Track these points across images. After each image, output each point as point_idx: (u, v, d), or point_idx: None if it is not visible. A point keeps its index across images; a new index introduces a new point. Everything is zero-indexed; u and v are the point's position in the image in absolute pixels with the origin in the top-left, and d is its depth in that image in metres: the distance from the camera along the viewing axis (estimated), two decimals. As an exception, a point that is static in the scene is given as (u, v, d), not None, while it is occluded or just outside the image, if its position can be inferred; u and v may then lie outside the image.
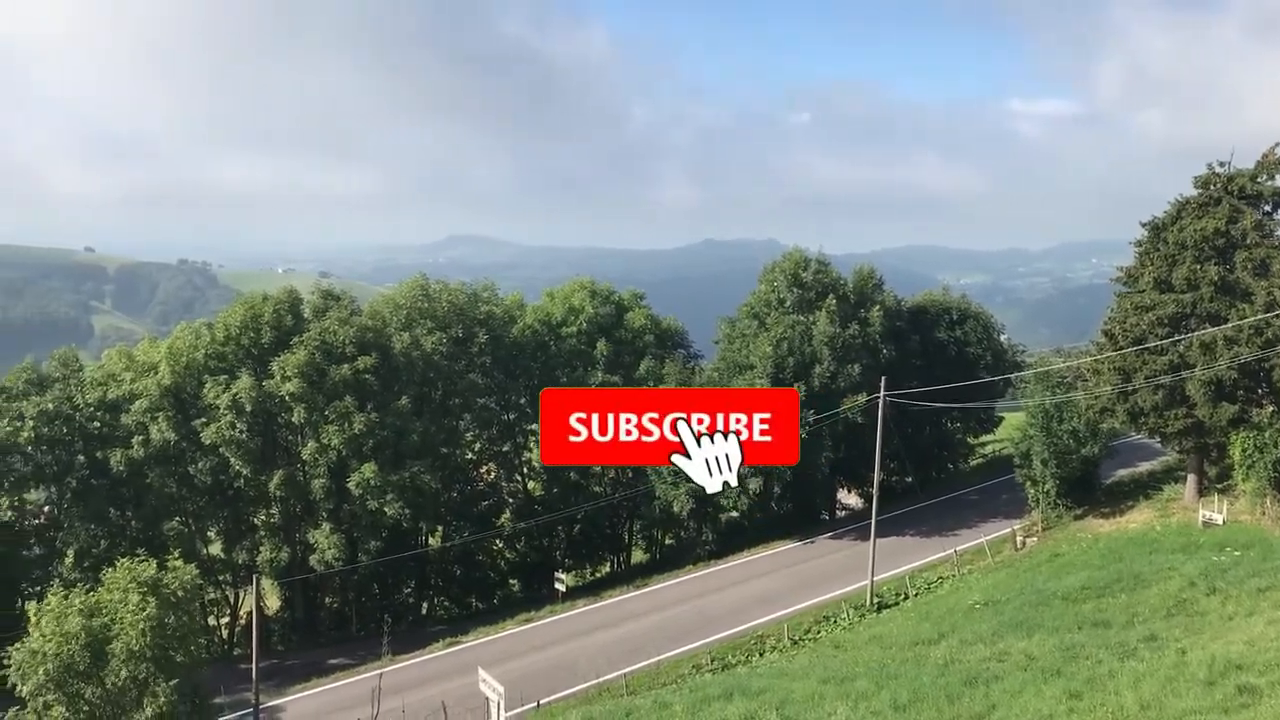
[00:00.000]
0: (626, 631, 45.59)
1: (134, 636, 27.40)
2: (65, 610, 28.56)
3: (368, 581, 56.97)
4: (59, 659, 27.73)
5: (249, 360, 51.56)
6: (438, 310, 57.49)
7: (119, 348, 57.50)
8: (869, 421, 53.75)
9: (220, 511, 54.06)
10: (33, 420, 48.57)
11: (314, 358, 49.78)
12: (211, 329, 52.97)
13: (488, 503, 61.32)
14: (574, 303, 63.33)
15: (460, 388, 56.62)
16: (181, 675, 28.56)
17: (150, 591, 28.41)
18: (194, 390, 50.91)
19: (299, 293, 55.87)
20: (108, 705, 28.12)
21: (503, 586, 63.04)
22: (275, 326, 51.90)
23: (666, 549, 66.07)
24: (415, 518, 53.53)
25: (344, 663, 47.40)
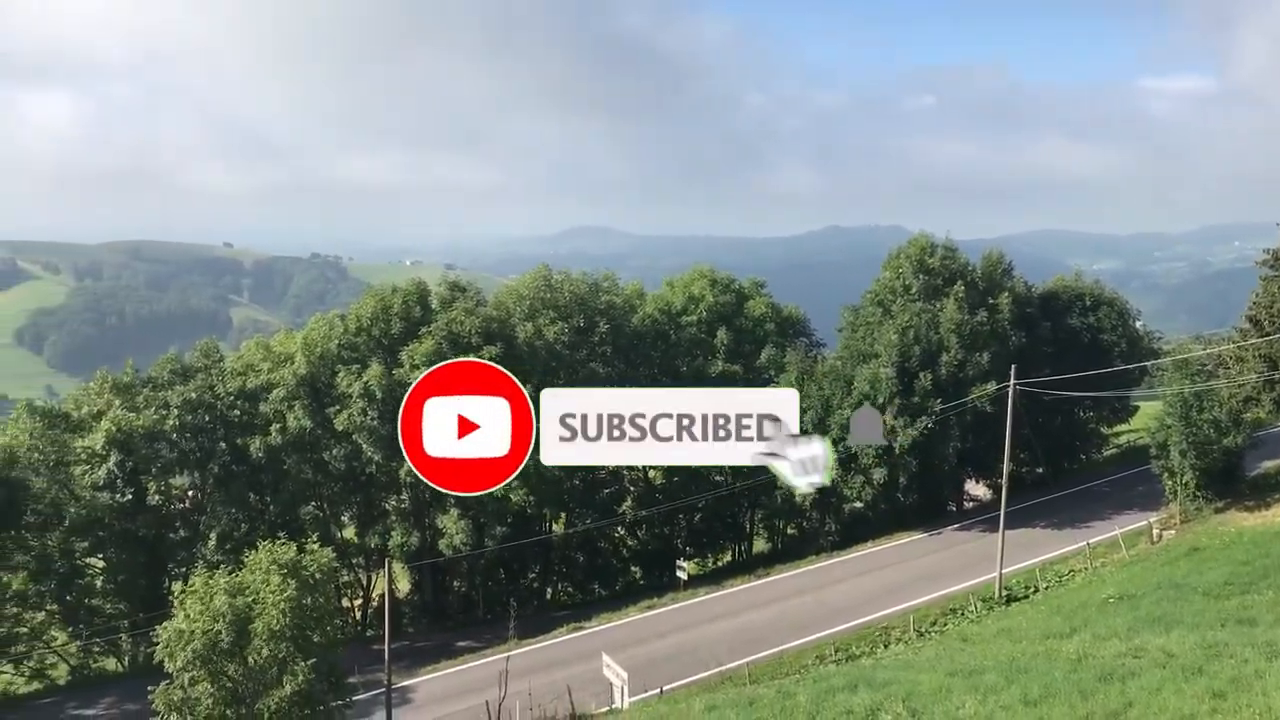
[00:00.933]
0: (748, 620, 45.54)
1: (275, 616, 28.42)
2: (209, 591, 29.75)
3: (494, 566, 58.12)
4: (204, 637, 28.89)
5: (379, 350, 52.95)
6: (560, 300, 58.19)
7: (257, 339, 59.70)
8: (998, 411, 52.52)
9: (353, 497, 55.75)
10: (177, 409, 50.81)
11: (441, 347, 50.87)
12: (344, 320, 54.56)
13: (609, 490, 61.87)
14: (694, 291, 63.37)
15: (581, 376, 57.21)
16: (318, 655, 29.51)
17: (290, 573, 29.42)
18: (328, 379, 52.55)
19: (426, 284, 57.18)
20: (249, 682, 29.25)
21: (625, 573, 63.58)
22: (404, 317, 53.19)
23: (788, 539, 65.71)
24: (539, 504, 54.38)
25: (471, 645, 48.49)
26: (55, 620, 53.19)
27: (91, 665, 53.51)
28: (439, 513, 52.32)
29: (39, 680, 52.29)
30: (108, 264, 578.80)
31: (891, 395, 54.00)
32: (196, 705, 28.71)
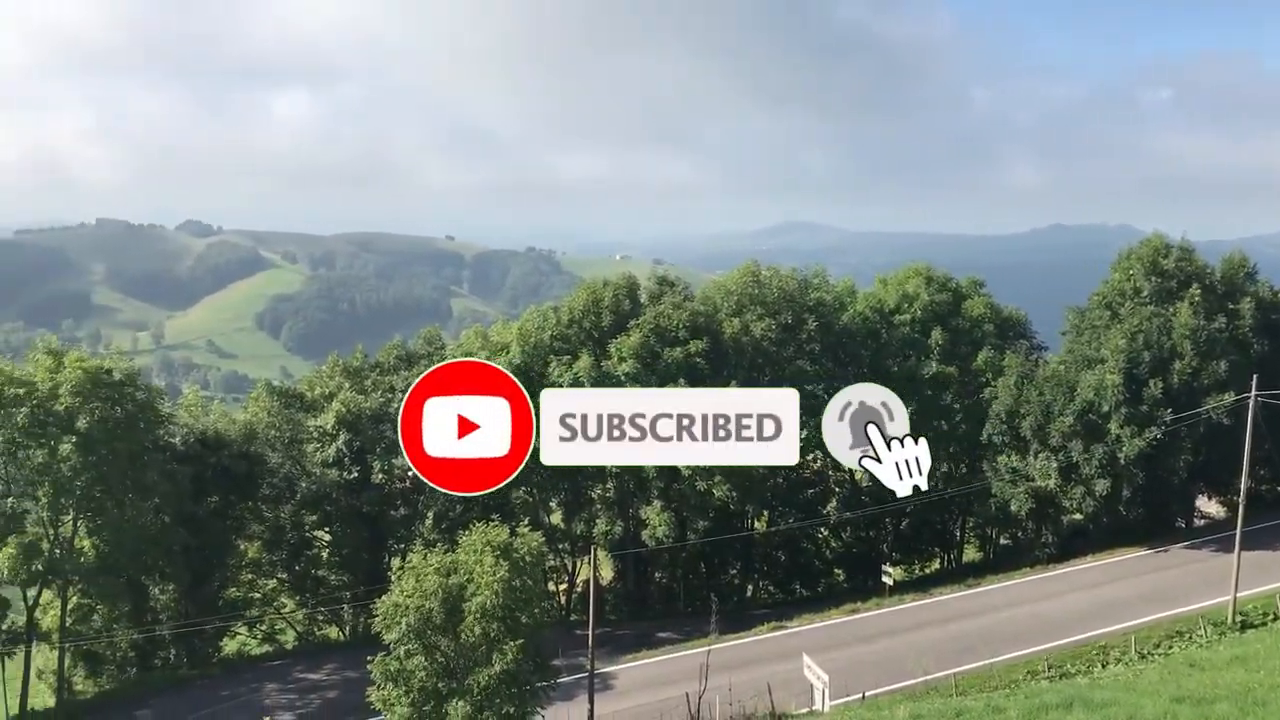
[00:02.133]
0: (956, 630, 44.11)
1: (487, 596, 29.31)
2: (425, 568, 30.96)
3: (695, 560, 58.39)
4: (418, 612, 30.08)
5: (589, 341, 53.94)
6: (768, 296, 57.83)
7: (475, 328, 61.92)
8: (1236, 424, 49.01)
9: (561, 484, 57.03)
10: (401, 393, 53.19)
11: (649, 340, 51.41)
12: (556, 312, 55.86)
13: (814, 490, 61.10)
14: (908, 289, 61.77)
15: (788, 374, 56.68)
16: (527, 635, 30.27)
17: (502, 555, 30.27)
18: (540, 369, 53.90)
19: (636, 278, 57.90)
20: (460, 658, 30.29)
21: (827, 575, 62.72)
22: (614, 310, 54.02)
23: (1001, 549, 63.32)
24: (742, 500, 54.26)
25: (672, 637, 48.84)
26: (285, 588, 56.82)
27: (316, 632, 56.88)
28: (642, 504, 52.93)
29: (270, 643, 56.01)
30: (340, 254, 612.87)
31: (1118, 403, 51.20)
32: (411, 677, 29.92)
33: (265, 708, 42.55)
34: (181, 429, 51.68)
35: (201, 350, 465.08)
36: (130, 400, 46.91)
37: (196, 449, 50.32)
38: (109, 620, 51.02)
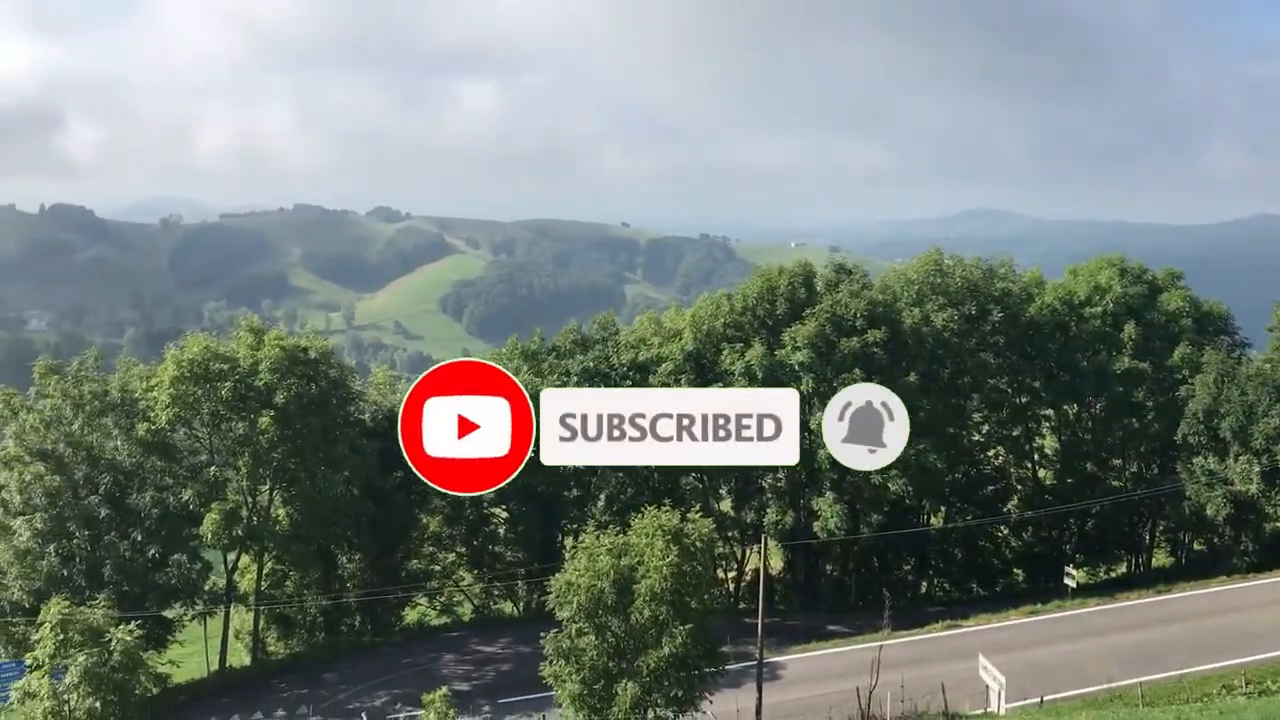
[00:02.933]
0: (1143, 638, 42.05)
1: (657, 580, 29.54)
2: (597, 549, 31.41)
3: (868, 553, 57.43)
4: (590, 592, 30.55)
5: (763, 329, 53.62)
6: (950, 286, 56.26)
7: (649, 314, 62.39)
8: None
9: (731, 471, 56.90)
10: (576, 376, 54.12)
11: (824, 329, 50.74)
12: (730, 299, 55.72)
13: (993, 487, 59.21)
14: (1100, 281, 59.01)
15: (970, 366, 55.09)
16: (696, 621, 30.40)
17: (673, 540, 30.44)
18: (712, 356, 53.92)
19: (812, 266, 57.20)
20: (630, 639, 30.62)
21: (1005, 575, 60.69)
22: (789, 298, 53.52)
23: (1194, 555, 60.00)
24: (918, 495, 53.06)
25: (842, 630, 48.25)
26: (463, 562, 58.67)
27: (491, 606, 58.56)
28: (815, 495, 52.35)
29: (448, 615, 57.96)
30: (520, 240, 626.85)
31: (1331, 404, 47.75)
32: (582, 655, 30.44)
33: (443, 677, 44.05)
34: (370, 406, 53.92)
35: (389, 331, 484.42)
36: (324, 377, 49.23)
37: (384, 425, 52.39)
38: (300, 586, 53.74)
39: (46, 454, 45.72)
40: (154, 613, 44.73)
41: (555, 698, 31.36)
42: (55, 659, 30.55)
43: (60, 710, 30.01)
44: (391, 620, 55.47)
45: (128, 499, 46.68)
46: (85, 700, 29.85)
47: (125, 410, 47.57)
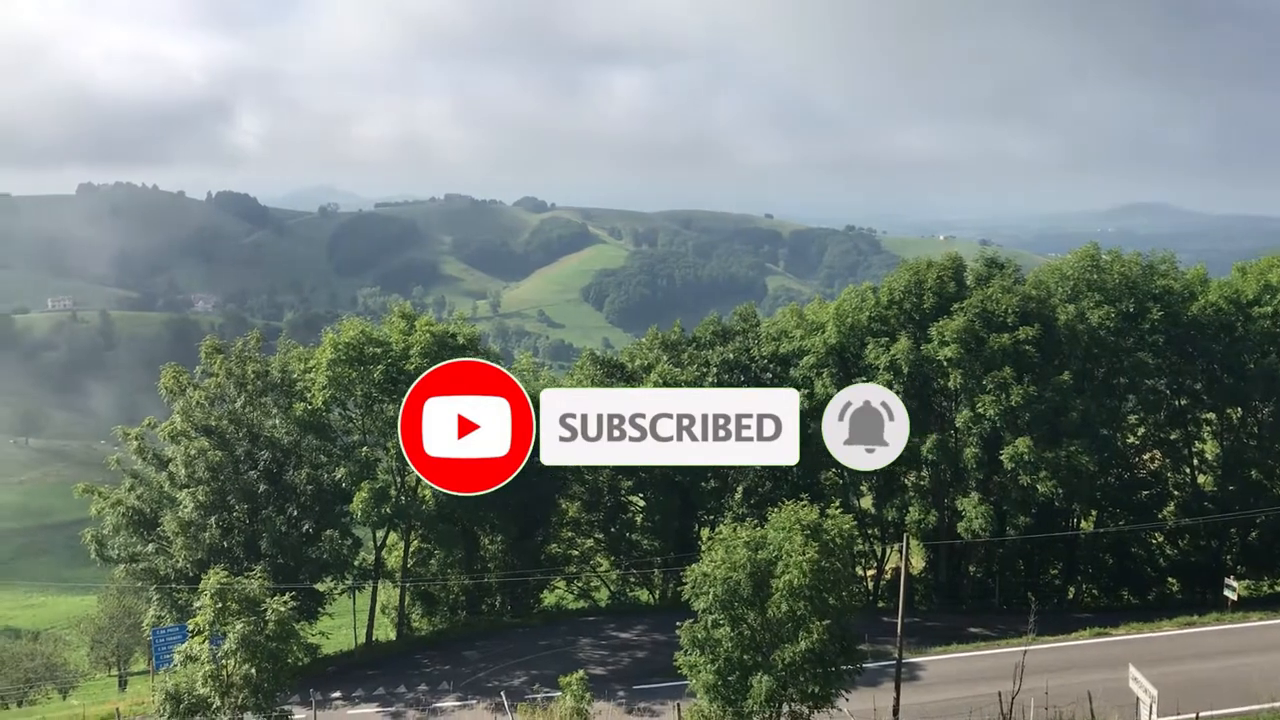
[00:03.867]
0: (1312, 657, 39.79)
1: (795, 574, 29.31)
2: (734, 541, 31.34)
3: (1013, 556, 55.81)
4: (726, 584, 30.51)
5: (909, 324, 52.59)
6: (1107, 282, 54.12)
7: (791, 306, 61.84)
8: None
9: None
10: (716, 367, 54.05)
11: (973, 325, 49.48)
12: (875, 292, 54.82)
13: (1149, 492, 56.79)
14: (1271, 279, 55.90)
15: (1126, 366, 52.93)
16: (833, 617, 30.08)
17: (812, 535, 30.17)
18: (856, 350, 53.15)
19: (962, 259, 55.81)
20: (766, 632, 30.50)
21: (1160, 584, 58.20)
22: (937, 292, 52.34)
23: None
24: (1068, 498, 51.29)
25: (984, 633, 47.08)
26: (601, 548, 59.35)
27: (628, 593, 59.09)
28: (959, 494, 51.17)
29: (584, 600, 58.75)
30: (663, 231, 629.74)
31: None
32: (717, 646, 30.46)
33: (579, 661, 44.69)
34: (513, 392, 54.99)
35: (532, 319, 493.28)
36: (469, 363, 50.36)
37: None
38: (444, 565, 55.22)
39: (210, 430, 47.99)
40: (306, 585, 46.57)
41: (689, 687, 31.49)
42: (214, 626, 32.05)
43: (218, 674, 31.48)
44: (530, 602, 56.54)
45: (284, 475, 48.67)
46: (241, 666, 31.24)
47: (284, 390, 49.59)
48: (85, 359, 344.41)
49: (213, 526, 46.71)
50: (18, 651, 75.79)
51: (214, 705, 31.50)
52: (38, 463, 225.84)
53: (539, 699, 40.19)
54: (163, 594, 47.91)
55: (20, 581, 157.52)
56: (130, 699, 48.01)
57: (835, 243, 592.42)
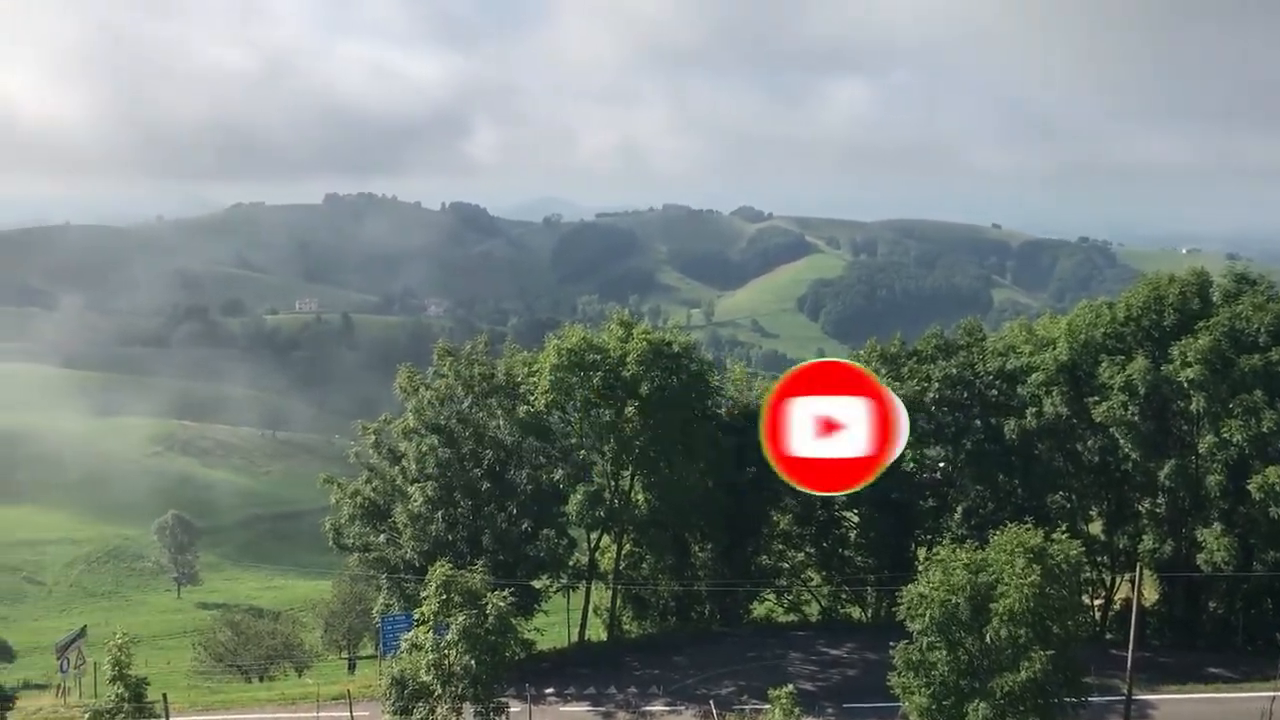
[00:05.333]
0: None
1: (1016, 600, 28.29)
2: (953, 562, 30.49)
3: (1261, 593, 51.67)
4: (944, 606, 29.74)
5: (1147, 342, 49.68)
6: (1377, 300, 49.61)
7: (1020, 320, 59.53)
8: None
9: (1104, 492, 53.35)
10: (938, 382, 52.61)
11: (1220, 344, 46.32)
12: (1111, 308, 52.08)
13: None
14: None
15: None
16: (1057, 647, 28.85)
17: (1035, 560, 29.05)
18: (1089, 368, 50.63)
19: (1208, 274, 52.33)
20: (985, 659, 29.53)
21: None
22: (1179, 309, 49.24)
23: None
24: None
25: (1224, 674, 43.96)
26: (812, 562, 58.69)
27: (839, 610, 58.18)
28: (1199, 524, 47.96)
29: (794, 613, 58.24)
30: (882, 240, 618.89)
31: None
32: (932, 669, 29.74)
33: (788, 674, 44.32)
34: (727, 401, 55.13)
35: (746, 329, 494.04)
36: (685, 371, 50.80)
37: (740, 421, 53.35)
38: (655, 570, 55.84)
39: (439, 428, 50.18)
40: (524, 581, 47.98)
41: (902, 709, 30.82)
42: (438, 616, 33.57)
43: (440, 663, 32.96)
44: (739, 612, 56.45)
45: (506, 474, 50.38)
46: (462, 657, 32.60)
47: (508, 393, 51.36)
48: (327, 358, 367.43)
49: (439, 520, 48.77)
50: (261, 629, 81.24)
51: (436, 693, 33.01)
52: (283, 454, 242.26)
53: (747, 710, 40.11)
54: (392, 583, 50.41)
55: (264, 564, 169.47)
56: (359, 681, 50.71)
57: (1067, 254, 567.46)
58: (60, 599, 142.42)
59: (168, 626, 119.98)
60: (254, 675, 68.57)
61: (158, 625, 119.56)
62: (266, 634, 78.85)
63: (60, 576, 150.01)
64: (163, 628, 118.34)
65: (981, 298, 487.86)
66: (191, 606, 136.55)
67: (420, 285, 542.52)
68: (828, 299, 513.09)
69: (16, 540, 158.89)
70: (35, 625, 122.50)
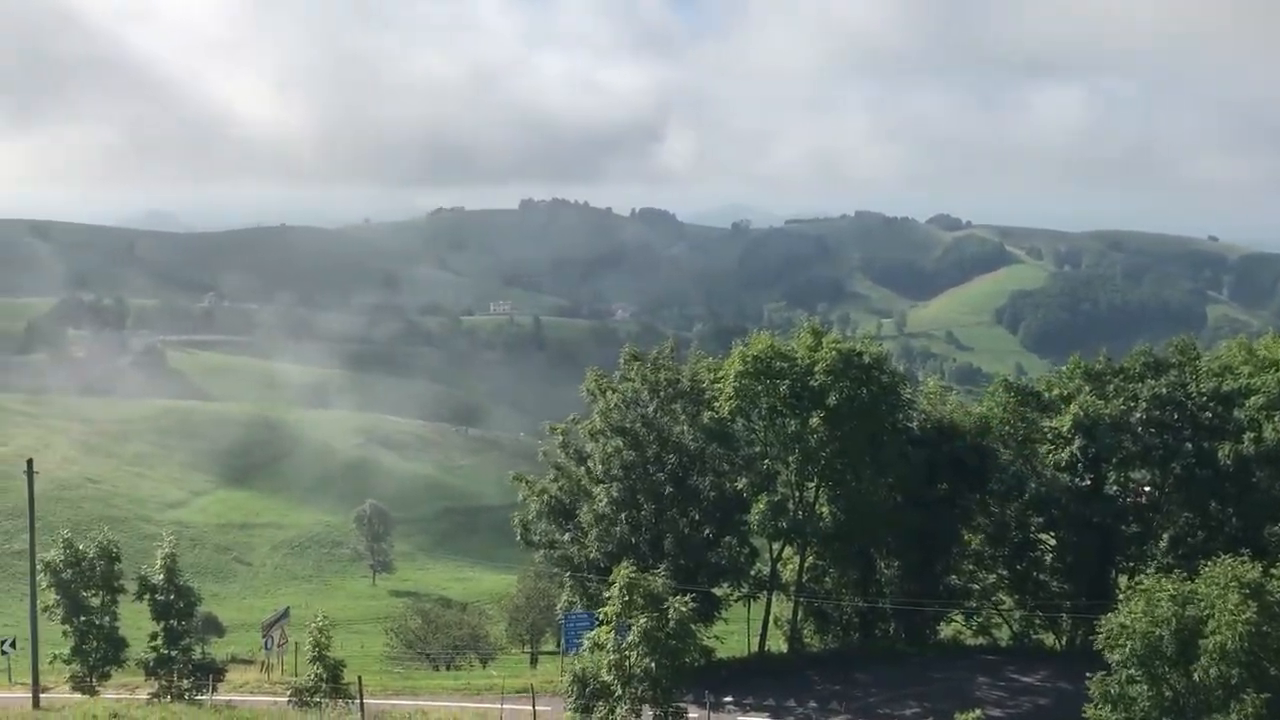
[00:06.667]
0: None
1: (1229, 637, 26.52)
2: (1158, 593, 28.83)
3: None
4: (1146, 639, 28.17)
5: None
6: None
7: (1238, 339, 56.02)
8: None
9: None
10: (1145, 402, 49.93)
11: None
12: (1345, 327, 48.33)
13: None
14: None
15: None
16: (1274, 690, 26.89)
17: (1251, 595, 27.17)
18: (1318, 392, 47.17)
19: None
20: (1191, 697, 27.82)
21: None
22: None
23: None
24: None
25: None
26: (1004, 585, 56.54)
27: (1031, 635, 55.86)
28: None
29: (983, 636, 56.23)
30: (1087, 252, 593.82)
31: None
32: (1132, 705, 28.27)
33: (976, 699, 42.82)
34: (919, 415, 53.72)
35: (939, 340, 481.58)
36: (876, 383, 49.80)
37: (932, 435, 51.95)
38: (838, 584, 54.93)
39: (624, 431, 50.70)
40: (704, 588, 47.97)
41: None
42: (620, 617, 33.88)
43: (621, 663, 33.24)
44: (925, 632, 54.89)
45: (689, 480, 50.48)
46: (643, 659, 32.78)
47: (693, 398, 51.47)
48: (517, 359, 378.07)
49: (623, 522, 49.28)
50: (449, 619, 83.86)
51: (616, 693, 33.31)
52: (474, 450, 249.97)
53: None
54: (575, 581, 51.23)
55: (454, 556, 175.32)
56: (541, 676, 51.70)
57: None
58: (266, 579, 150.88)
59: (362, 611, 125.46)
60: (441, 664, 70.88)
61: (353, 610, 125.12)
62: (454, 624, 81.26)
63: (266, 559, 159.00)
64: (357, 612, 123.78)
65: (1194, 313, 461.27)
66: (385, 593, 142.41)
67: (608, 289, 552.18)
68: (1027, 311, 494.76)
69: (231, 522, 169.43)
70: (243, 603, 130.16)
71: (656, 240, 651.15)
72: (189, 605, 43.50)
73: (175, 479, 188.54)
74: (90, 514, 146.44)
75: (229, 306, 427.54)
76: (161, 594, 42.50)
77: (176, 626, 42.82)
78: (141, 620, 44.93)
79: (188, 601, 43.28)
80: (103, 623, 42.92)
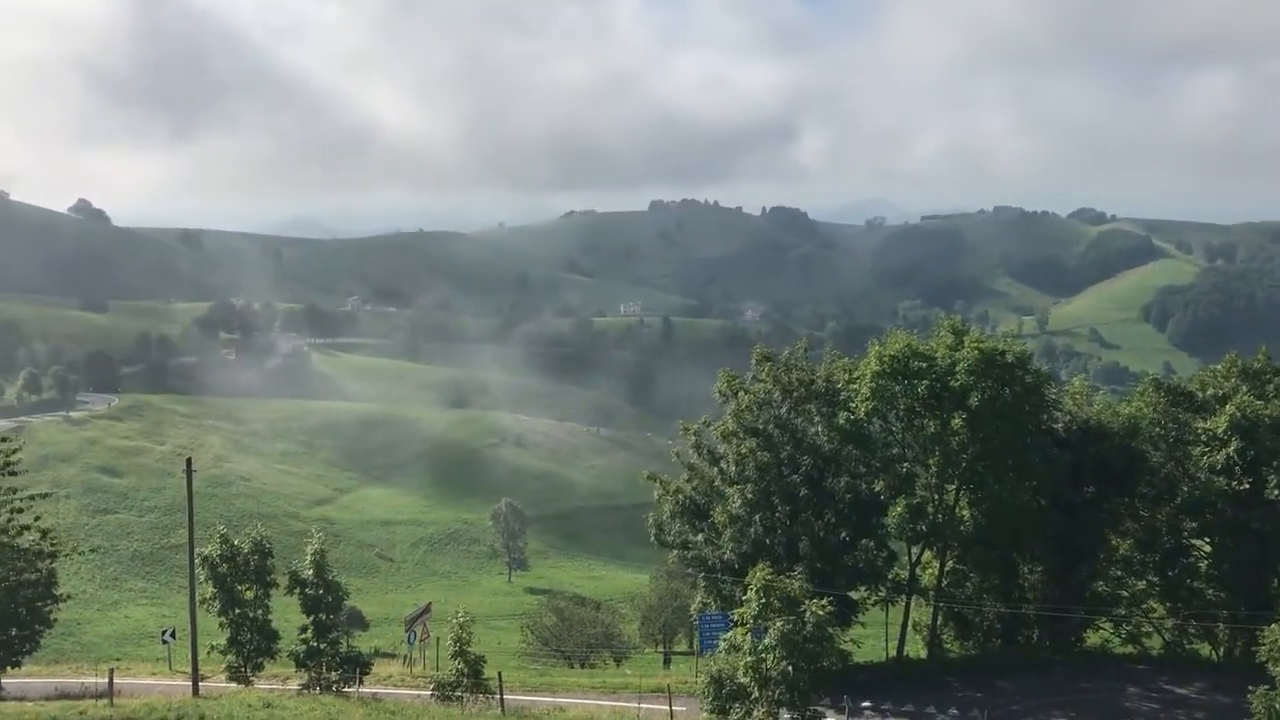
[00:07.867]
0: None
1: None
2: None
3: None
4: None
5: None
6: None
7: None
8: None
9: None
10: (1310, 402, 47.36)
11: None
12: None
13: None
14: None
15: None
16: None
17: None
18: None
19: None
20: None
21: None
22: None
23: None
24: None
25: None
26: (1155, 592, 54.31)
27: (1185, 645, 53.53)
28: None
29: (1133, 645, 54.10)
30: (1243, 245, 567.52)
31: None
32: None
33: (1125, 710, 41.23)
34: (1064, 415, 51.99)
35: (1083, 338, 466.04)
36: (1019, 383, 48.39)
37: (1077, 437, 50.25)
38: (979, 589, 53.54)
39: (758, 432, 50.37)
40: (841, 591, 47.26)
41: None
42: (758, 619, 33.65)
43: (759, 666, 33.01)
44: (1071, 640, 53.11)
45: (824, 482, 49.88)
46: (780, 662, 32.49)
47: (827, 399, 50.83)
48: (649, 360, 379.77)
49: (757, 523, 48.95)
50: (584, 617, 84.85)
51: (753, 695, 33.12)
52: (606, 450, 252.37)
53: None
54: (709, 582, 51.10)
55: (588, 555, 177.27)
56: (675, 676, 51.80)
57: None
58: (407, 575, 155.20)
59: (498, 608, 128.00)
60: (576, 661, 71.66)
61: (489, 606, 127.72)
62: (589, 622, 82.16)
63: (407, 555, 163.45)
64: (494, 609, 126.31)
65: None
66: (520, 590, 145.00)
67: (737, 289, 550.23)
68: (1176, 308, 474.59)
69: (373, 519, 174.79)
70: (385, 598, 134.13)
71: (787, 239, 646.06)
72: (337, 600, 44.91)
73: (320, 476, 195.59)
74: (241, 510, 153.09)
75: (371, 310, 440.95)
76: (311, 588, 43.97)
77: (325, 620, 44.26)
78: (291, 614, 46.56)
79: (336, 596, 44.68)
80: (256, 615, 44.67)
